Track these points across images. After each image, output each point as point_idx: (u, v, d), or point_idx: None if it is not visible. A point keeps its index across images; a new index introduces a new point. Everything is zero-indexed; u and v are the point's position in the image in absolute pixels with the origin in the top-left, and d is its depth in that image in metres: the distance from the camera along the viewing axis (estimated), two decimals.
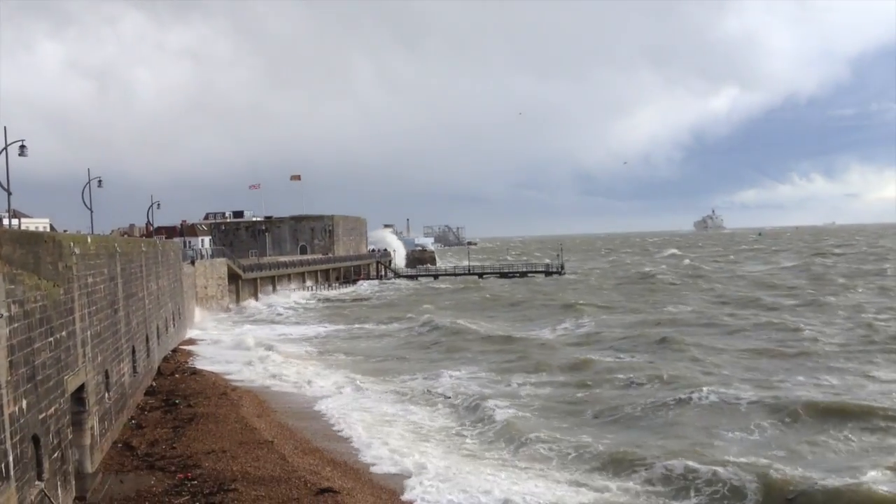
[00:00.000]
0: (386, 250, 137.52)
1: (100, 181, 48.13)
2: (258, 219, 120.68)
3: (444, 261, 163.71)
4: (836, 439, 24.34)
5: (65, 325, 18.73)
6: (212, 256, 77.94)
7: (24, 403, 14.75)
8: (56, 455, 17.06)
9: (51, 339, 17.17)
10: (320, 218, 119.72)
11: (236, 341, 50.44)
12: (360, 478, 21.70)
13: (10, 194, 28.95)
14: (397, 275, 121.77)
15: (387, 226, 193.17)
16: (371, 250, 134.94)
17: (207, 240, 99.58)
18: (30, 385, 15.24)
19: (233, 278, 78.29)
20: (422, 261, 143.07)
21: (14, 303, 14.52)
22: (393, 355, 45.77)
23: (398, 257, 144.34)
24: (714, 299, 70.37)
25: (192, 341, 52.03)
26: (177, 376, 37.68)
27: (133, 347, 30.29)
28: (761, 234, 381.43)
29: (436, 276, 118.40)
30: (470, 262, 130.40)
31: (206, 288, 69.84)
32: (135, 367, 30.69)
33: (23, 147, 30.42)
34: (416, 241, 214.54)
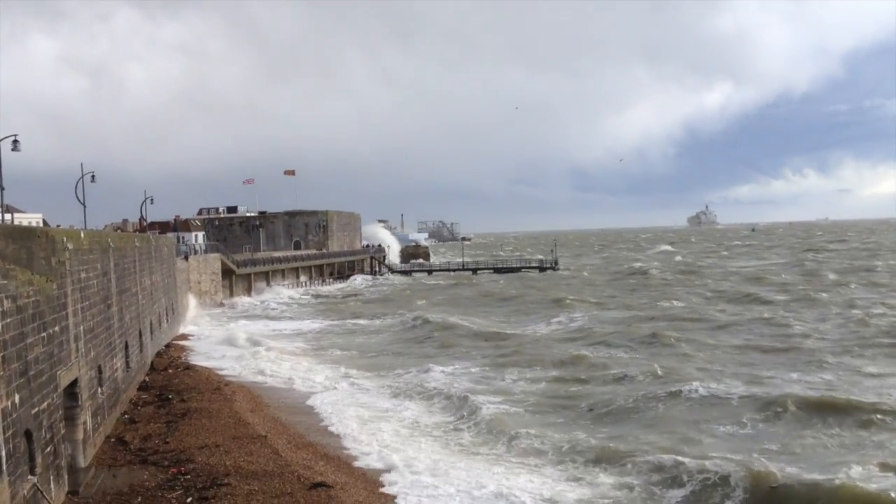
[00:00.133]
0: (380, 246, 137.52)
1: (93, 176, 48.17)
2: (252, 214, 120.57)
3: (438, 256, 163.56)
4: (827, 434, 24.47)
5: (58, 321, 18.75)
6: (205, 252, 77.75)
7: (16, 398, 14.78)
8: (49, 450, 17.10)
9: (44, 334, 17.19)
10: (314, 213, 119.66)
11: (230, 337, 50.31)
12: (354, 472, 21.77)
13: (2, 189, 28.95)
14: (391, 270, 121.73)
15: (381, 221, 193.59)
16: (365, 246, 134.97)
17: (201, 235, 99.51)
18: (22, 380, 15.27)
19: (226, 274, 78.21)
20: (416, 256, 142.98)
21: (7, 298, 14.53)
22: (387, 350, 45.84)
23: (392, 253, 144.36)
24: (706, 295, 70.59)
25: (185, 336, 52.01)
26: (170, 371, 37.67)
27: (126, 343, 30.30)
28: (754, 229, 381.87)
29: (430, 272, 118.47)
30: (464, 257, 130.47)
31: (199, 283, 69.74)
32: (128, 363, 30.71)
33: (16, 142, 30.44)
34: (410, 237, 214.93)
